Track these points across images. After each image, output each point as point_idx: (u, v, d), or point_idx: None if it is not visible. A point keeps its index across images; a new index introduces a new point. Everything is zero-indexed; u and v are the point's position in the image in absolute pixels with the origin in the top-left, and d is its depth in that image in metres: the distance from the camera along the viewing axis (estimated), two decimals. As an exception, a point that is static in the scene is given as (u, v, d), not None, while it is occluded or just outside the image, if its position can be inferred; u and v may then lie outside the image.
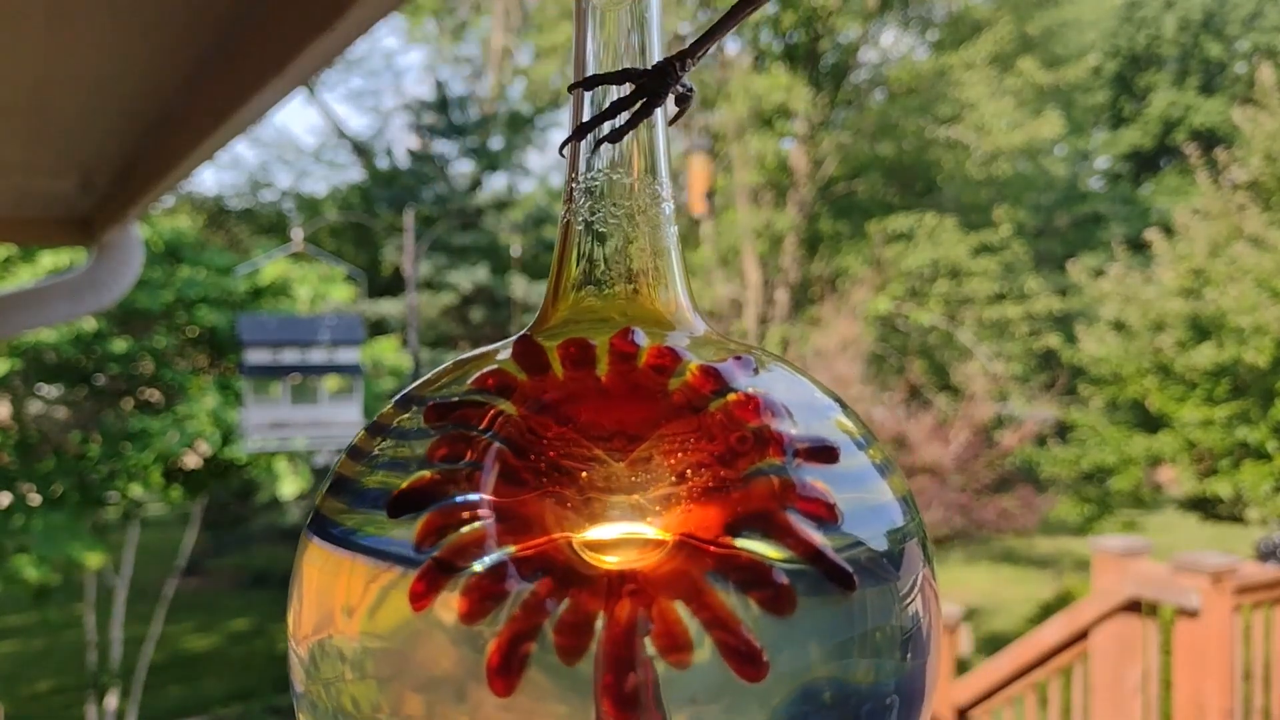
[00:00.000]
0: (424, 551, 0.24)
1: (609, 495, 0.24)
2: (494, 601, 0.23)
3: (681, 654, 0.23)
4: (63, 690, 7.11)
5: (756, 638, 0.23)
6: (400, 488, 0.26)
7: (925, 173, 12.63)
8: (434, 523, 0.24)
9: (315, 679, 0.26)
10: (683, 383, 0.26)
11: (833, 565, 0.24)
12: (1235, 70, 17.58)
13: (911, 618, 0.26)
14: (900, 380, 10.25)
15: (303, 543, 0.28)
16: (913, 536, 0.27)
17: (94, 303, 1.77)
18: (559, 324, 0.30)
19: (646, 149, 0.30)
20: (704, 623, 0.23)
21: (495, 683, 0.23)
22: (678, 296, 0.30)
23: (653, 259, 0.30)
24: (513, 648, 0.23)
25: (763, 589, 0.23)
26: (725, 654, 0.23)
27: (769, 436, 0.26)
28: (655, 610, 0.23)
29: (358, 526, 0.27)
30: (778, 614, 0.23)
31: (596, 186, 0.30)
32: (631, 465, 0.25)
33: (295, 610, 0.28)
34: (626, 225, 0.30)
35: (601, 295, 0.30)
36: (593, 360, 0.27)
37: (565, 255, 0.30)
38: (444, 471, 0.25)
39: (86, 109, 1.24)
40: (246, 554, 10.72)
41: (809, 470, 0.26)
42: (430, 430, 0.27)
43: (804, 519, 0.24)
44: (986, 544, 9.71)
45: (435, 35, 15.18)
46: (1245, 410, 7.42)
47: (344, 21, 0.72)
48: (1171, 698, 2.97)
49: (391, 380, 7.49)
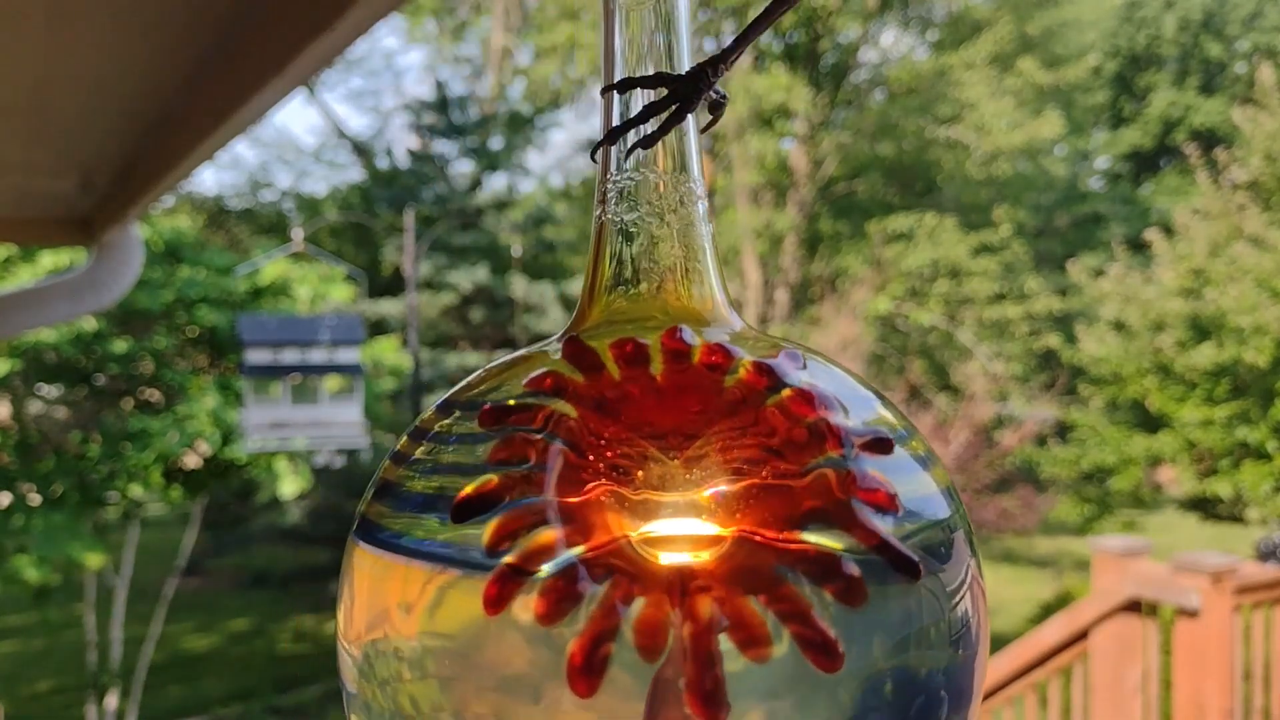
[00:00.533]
0: (496, 555, 0.24)
1: (666, 493, 0.24)
2: (571, 603, 0.23)
3: (760, 648, 0.23)
4: (63, 690, 7.12)
5: (831, 629, 0.23)
6: (464, 491, 0.26)
7: (925, 173, 12.63)
8: (505, 527, 0.24)
9: (370, 679, 0.26)
10: (738, 379, 0.27)
11: (899, 554, 0.24)
12: (1235, 70, 17.58)
13: (962, 611, 0.26)
14: (900, 380, 10.25)
15: (349, 547, 0.28)
16: (959, 528, 0.27)
17: (94, 303, 1.77)
18: (598, 324, 0.30)
19: (676, 149, 0.30)
20: (780, 616, 0.23)
21: (578, 683, 0.23)
22: (714, 293, 0.30)
23: (687, 257, 0.30)
24: (594, 648, 0.23)
25: (835, 580, 0.24)
26: (803, 647, 0.23)
27: (827, 430, 0.26)
28: (729, 606, 0.23)
29: (405, 530, 0.27)
30: (851, 605, 0.24)
31: (629, 187, 0.30)
32: (688, 463, 0.25)
33: (346, 610, 0.28)
34: (659, 224, 0.30)
35: (638, 294, 0.30)
36: (647, 359, 0.27)
37: (600, 256, 0.30)
38: (507, 474, 0.25)
39: (86, 109, 1.24)
40: (246, 554, 10.72)
41: (867, 461, 0.26)
42: (485, 434, 0.27)
43: (867, 510, 0.25)
44: (986, 544, 9.71)
45: (435, 35, 15.19)
46: (1245, 410, 7.42)
47: (344, 21, 0.72)
48: (1171, 698, 2.97)
49: (391, 380, 7.49)
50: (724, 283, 0.31)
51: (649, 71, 0.30)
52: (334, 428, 5.69)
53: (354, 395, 5.92)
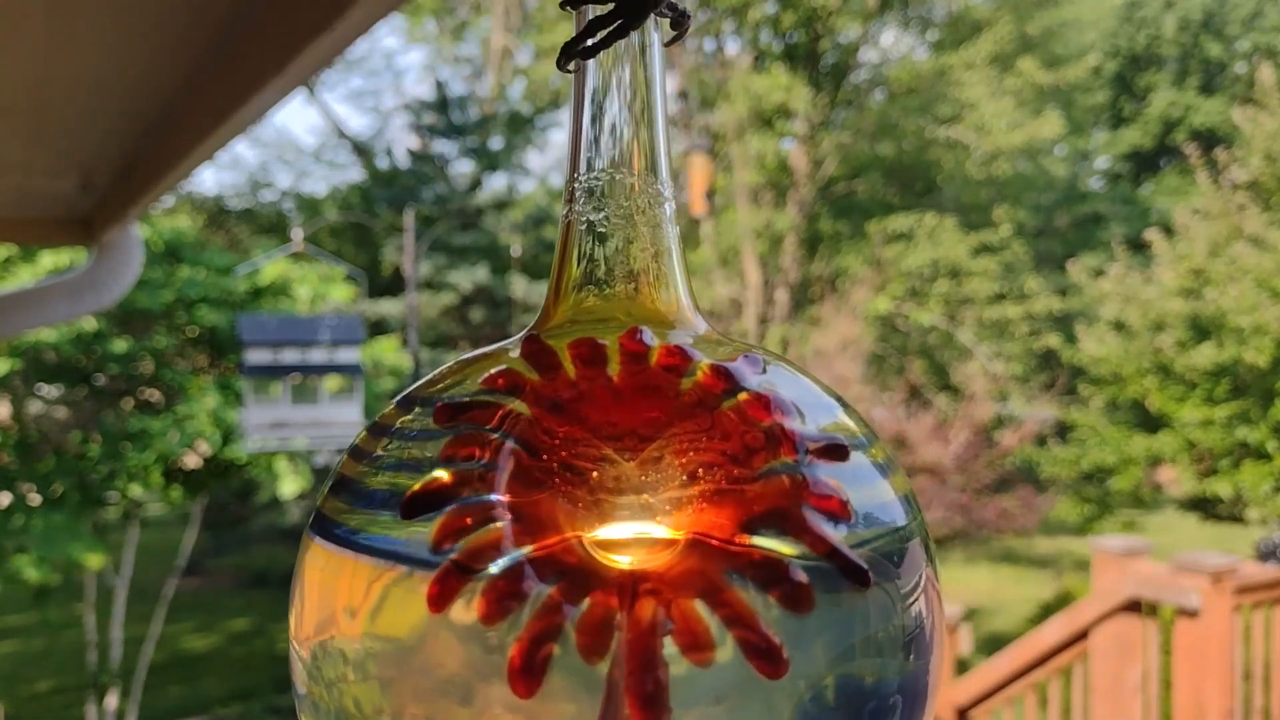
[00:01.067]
0: (442, 553, 0.24)
1: (620, 495, 0.24)
2: (514, 602, 0.23)
3: (703, 652, 0.23)
4: (63, 690, 7.11)
5: (776, 635, 0.23)
6: (414, 488, 0.25)
7: (925, 173, 12.63)
8: (451, 524, 0.24)
9: (318, 680, 0.26)
10: (694, 382, 0.26)
11: (848, 562, 0.24)
12: (1235, 70, 17.58)
13: (915, 618, 0.26)
14: (900, 380, 10.25)
15: (305, 543, 0.28)
16: (915, 536, 0.27)
17: (94, 303, 1.77)
18: (562, 324, 0.30)
19: (647, 149, 0.30)
20: (724, 620, 0.23)
21: (517, 684, 0.22)
22: (679, 296, 0.30)
23: (654, 258, 0.30)
24: (535, 649, 0.23)
25: (782, 586, 0.23)
26: (747, 652, 0.23)
27: (781, 435, 0.26)
28: (675, 610, 0.23)
29: (361, 526, 0.26)
30: (797, 611, 0.23)
31: (597, 186, 0.30)
32: (643, 465, 0.25)
33: (297, 611, 0.27)
34: (627, 225, 0.30)
35: (603, 295, 0.30)
36: (604, 360, 0.27)
37: (566, 255, 0.30)
38: (458, 472, 0.25)
39: (86, 109, 1.24)
40: (246, 554, 10.72)
41: (821, 468, 0.26)
42: (440, 431, 0.26)
43: (819, 516, 0.25)
44: (986, 544, 9.71)
45: (435, 35, 15.18)
46: (1245, 410, 7.42)
47: (344, 21, 0.72)
48: (1171, 698, 2.97)
49: (392, 380, 7.49)
50: (690, 285, 0.31)
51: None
52: (334, 428, 5.68)
53: (354, 395, 5.91)
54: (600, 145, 0.30)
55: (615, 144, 0.30)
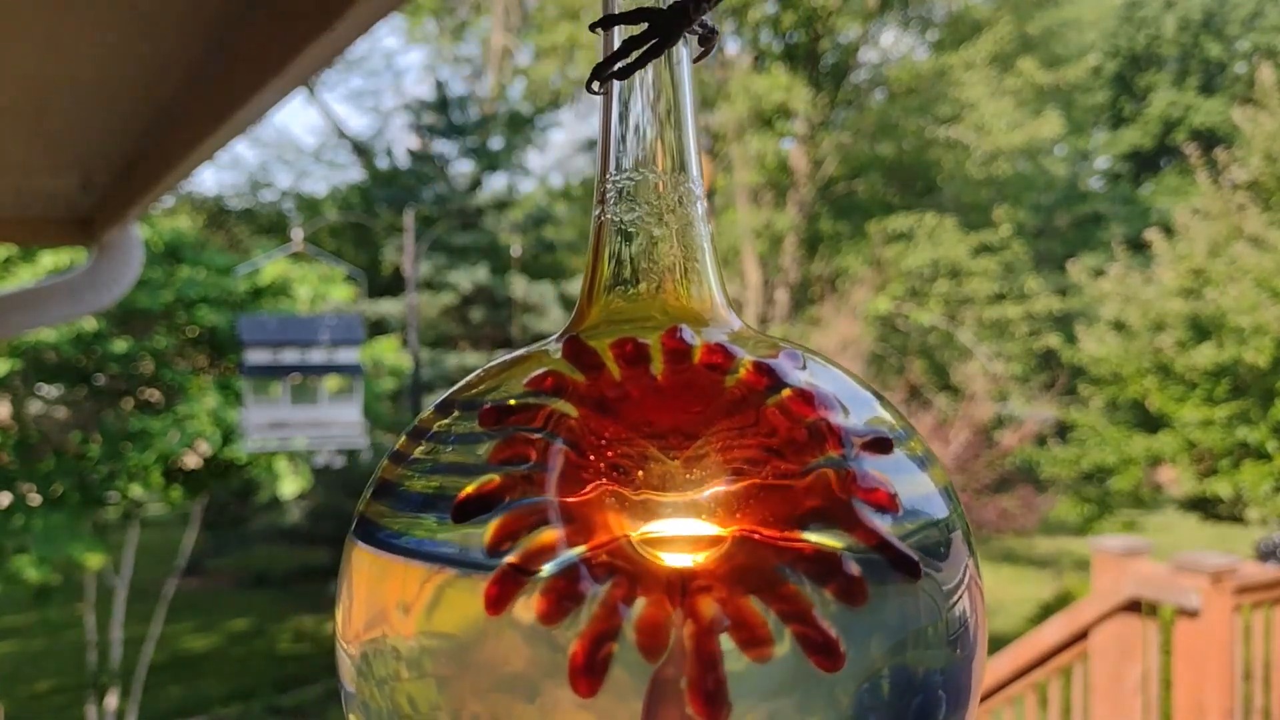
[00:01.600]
0: (498, 555, 0.24)
1: (666, 493, 0.24)
2: (573, 603, 0.23)
3: (762, 648, 0.23)
4: (63, 690, 7.11)
5: (833, 629, 0.23)
6: (465, 491, 0.25)
7: (925, 173, 12.63)
8: (507, 527, 0.24)
9: (368, 678, 0.26)
10: (738, 379, 0.27)
11: (899, 554, 0.24)
12: (1235, 70, 17.58)
13: (960, 610, 0.26)
14: (900, 380, 10.25)
15: (348, 547, 0.28)
16: (957, 528, 0.27)
17: (94, 303, 1.77)
18: (597, 324, 0.30)
19: (675, 147, 0.30)
20: (781, 615, 0.23)
21: (579, 683, 0.23)
22: (712, 293, 0.30)
23: (686, 257, 0.30)
24: (596, 648, 0.23)
25: (836, 580, 0.24)
26: (804, 646, 0.23)
27: (826, 430, 0.26)
28: (731, 606, 0.23)
29: (404, 530, 0.27)
30: (852, 604, 0.24)
31: (628, 186, 0.30)
32: (688, 463, 0.25)
33: (344, 611, 0.28)
34: (658, 224, 0.30)
35: (636, 294, 0.30)
36: (648, 359, 0.27)
37: (599, 256, 0.30)
38: (508, 474, 0.25)
39: (86, 109, 1.24)
40: (246, 554, 10.72)
41: (868, 461, 0.26)
42: (487, 433, 0.27)
43: (868, 509, 0.25)
44: (986, 544, 9.71)
45: (435, 35, 15.19)
46: (1245, 410, 7.42)
47: (344, 21, 0.72)
48: (1171, 698, 2.97)
49: (391, 380, 7.49)
50: (723, 283, 0.31)
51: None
52: (334, 428, 5.69)
53: (354, 395, 5.92)
54: (628, 145, 0.30)
55: (643, 144, 0.30)
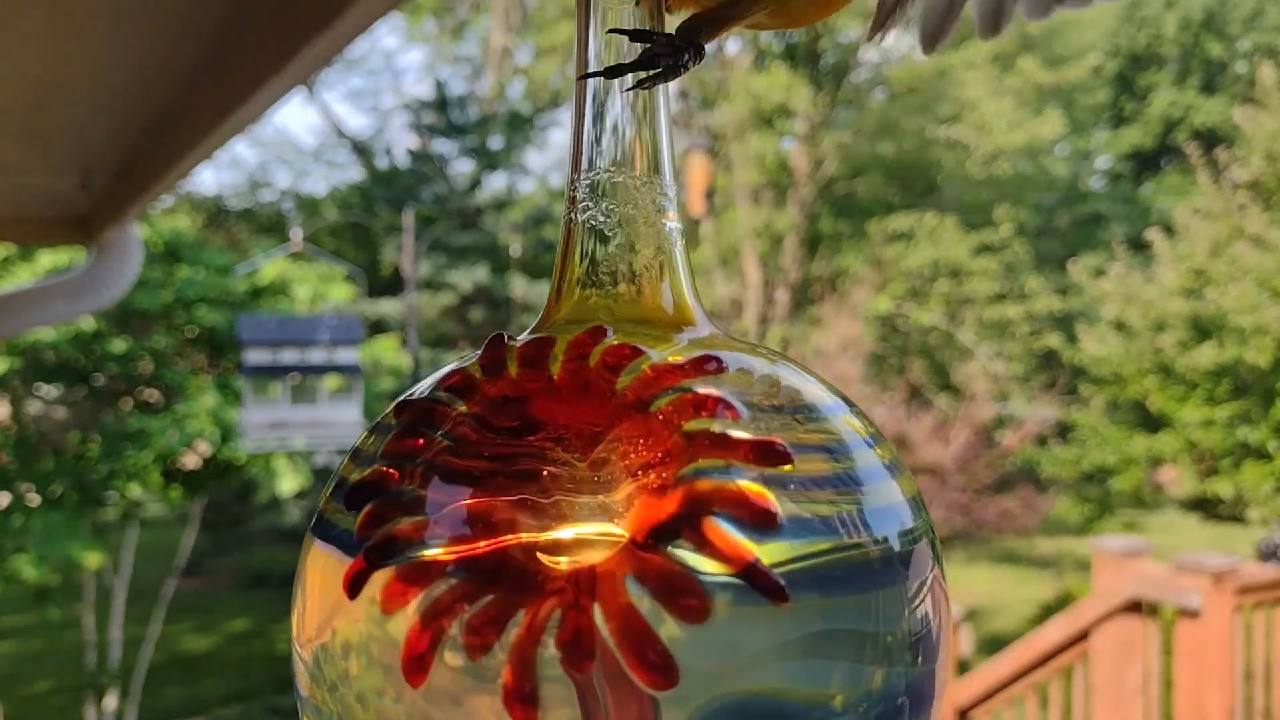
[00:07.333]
0: (360, 541, 0.25)
1: (572, 496, 0.24)
2: (412, 593, 0.24)
3: (589, 661, 0.22)
4: (62, 690, 7.11)
5: (670, 647, 0.22)
6: (354, 480, 0.27)
7: (925, 173, 12.63)
8: (370, 515, 0.25)
9: (320, 683, 0.26)
10: (631, 380, 0.26)
11: (762, 577, 0.23)
12: (1236, 70, 17.58)
13: (922, 619, 0.25)
14: (901, 380, 10.26)
15: (306, 544, 0.28)
16: (922, 537, 0.27)
17: (93, 303, 1.77)
18: (560, 323, 0.29)
19: (650, 148, 0.30)
20: (612, 629, 0.22)
21: (410, 674, 0.23)
22: (682, 296, 0.30)
23: (656, 258, 0.30)
24: (424, 641, 0.23)
25: (678, 597, 0.23)
26: (631, 661, 0.22)
27: (711, 436, 0.24)
28: (569, 614, 0.23)
29: (350, 525, 0.27)
30: (692, 623, 0.23)
31: (599, 185, 0.29)
32: (590, 466, 0.24)
33: (299, 613, 0.27)
34: (629, 225, 0.29)
35: (604, 295, 0.29)
36: (547, 359, 0.27)
37: (568, 255, 0.30)
38: (393, 466, 0.26)
39: (86, 108, 1.24)
40: (246, 554, 10.71)
41: (754, 474, 0.24)
42: (393, 427, 0.28)
43: (737, 526, 0.23)
44: (987, 544, 9.71)
45: (435, 35, 15.18)
46: (1246, 410, 7.42)
47: (344, 21, 0.72)
48: (1172, 698, 2.97)
49: (391, 380, 7.49)
50: (694, 285, 0.30)
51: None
52: (333, 428, 5.68)
53: (353, 395, 5.91)
54: (602, 145, 0.30)
55: (617, 144, 0.30)
